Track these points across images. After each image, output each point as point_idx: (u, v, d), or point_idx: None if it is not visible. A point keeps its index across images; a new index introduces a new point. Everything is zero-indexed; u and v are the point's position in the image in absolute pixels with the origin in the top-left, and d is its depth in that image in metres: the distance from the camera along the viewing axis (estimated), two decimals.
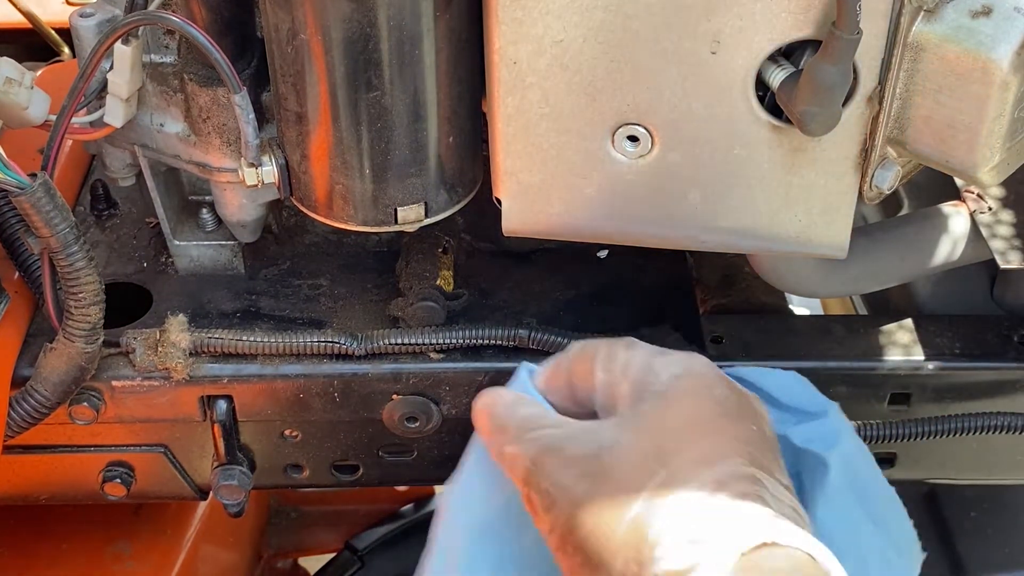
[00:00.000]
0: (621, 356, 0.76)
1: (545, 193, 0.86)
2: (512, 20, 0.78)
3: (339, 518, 1.57)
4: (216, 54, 0.82)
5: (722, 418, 0.70)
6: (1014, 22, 0.73)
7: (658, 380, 0.73)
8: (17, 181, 0.81)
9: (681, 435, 0.69)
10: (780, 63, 0.77)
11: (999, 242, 1.01)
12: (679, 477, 0.66)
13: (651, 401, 0.72)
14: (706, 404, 0.71)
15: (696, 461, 0.67)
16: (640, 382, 0.74)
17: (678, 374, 0.73)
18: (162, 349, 0.93)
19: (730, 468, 0.67)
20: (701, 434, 0.69)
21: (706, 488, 0.65)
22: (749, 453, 0.68)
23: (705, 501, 0.65)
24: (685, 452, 0.67)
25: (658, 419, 0.70)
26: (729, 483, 0.66)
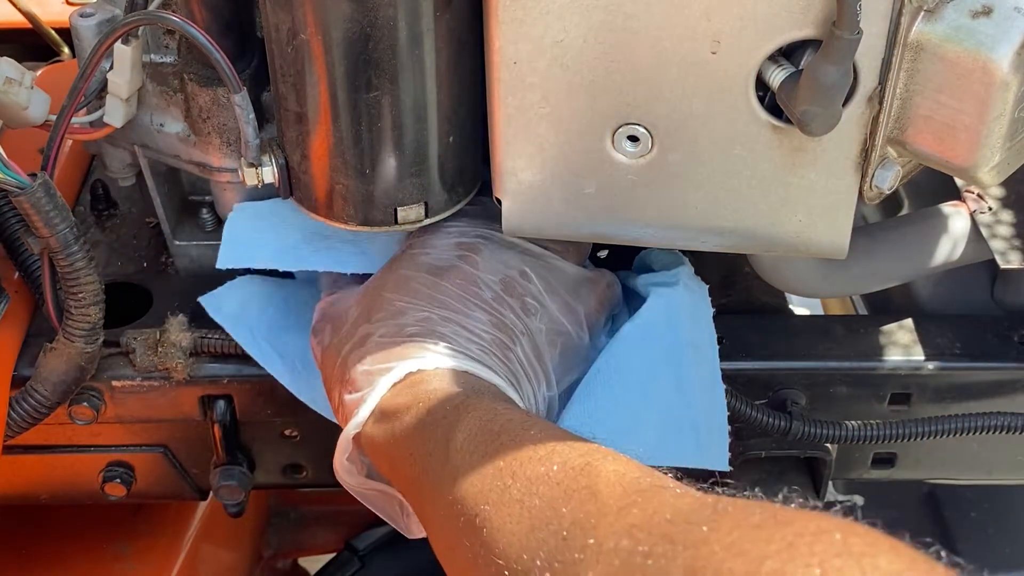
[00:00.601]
0: None
1: (545, 193, 0.86)
2: (512, 20, 0.78)
3: (339, 518, 1.57)
4: (216, 54, 0.82)
5: (427, 274, 0.86)
6: (1014, 22, 0.73)
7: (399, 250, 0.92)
8: (17, 181, 0.81)
9: (385, 291, 0.86)
10: (780, 63, 0.77)
11: (999, 242, 1.01)
12: (374, 328, 0.84)
13: (383, 268, 0.91)
14: (416, 265, 0.88)
15: (388, 314, 0.84)
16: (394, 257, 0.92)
17: (411, 244, 0.91)
18: (162, 349, 0.93)
19: (416, 315, 0.83)
20: (399, 290, 0.86)
21: (388, 335, 0.82)
22: (443, 301, 0.84)
23: (385, 345, 0.82)
24: (383, 308, 0.85)
25: (378, 279, 0.89)
26: (409, 326, 0.83)
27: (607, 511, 0.60)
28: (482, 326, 0.83)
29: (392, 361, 0.80)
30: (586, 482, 0.63)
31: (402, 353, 0.81)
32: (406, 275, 0.87)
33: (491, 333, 0.83)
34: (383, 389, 0.79)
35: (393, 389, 0.79)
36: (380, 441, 0.79)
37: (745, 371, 0.96)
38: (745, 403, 0.95)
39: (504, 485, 0.66)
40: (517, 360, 0.84)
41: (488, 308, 0.85)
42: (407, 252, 0.90)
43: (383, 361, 0.81)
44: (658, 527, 0.57)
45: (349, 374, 0.82)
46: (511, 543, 0.63)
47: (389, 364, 0.80)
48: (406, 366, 0.79)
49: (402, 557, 1.53)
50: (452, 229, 0.91)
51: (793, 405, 0.97)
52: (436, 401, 0.76)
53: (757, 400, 0.96)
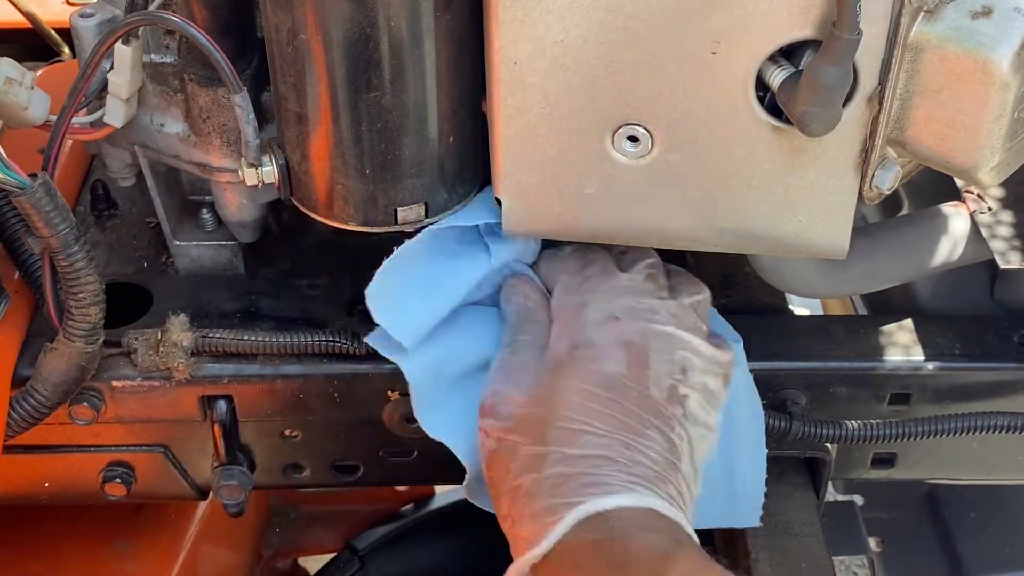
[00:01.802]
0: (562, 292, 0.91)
1: (545, 193, 0.86)
2: (512, 20, 0.78)
3: (339, 518, 1.57)
4: (216, 54, 0.82)
5: (602, 391, 0.83)
6: (1014, 23, 0.73)
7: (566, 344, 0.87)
8: (17, 181, 0.81)
9: (560, 408, 0.83)
10: (780, 63, 0.77)
11: (999, 242, 1.01)
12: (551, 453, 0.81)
13: (551, 370, 0.86)
14: (589, 378, 0.84)
15: (569, 433, 0.81)
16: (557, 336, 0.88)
17: (576, 344, 0.86)
18: (163, 349, 0.93)
19: (595, 439, 0.81)
20: (575, 409, 0.82)
21: (567, 463, 0.80)
22: (620, 421, 0.81)
23: (565, 476, 0.79)
24: (559, 427, 0.82)
25: (549, 390, 0.85)
26: (589, 454, 0.80)
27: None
28: (656, 450, 0.82)
29: (574, 496, 0.78)
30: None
31: (584, 488, 0.79)
32: (580, 389, 0.84)
33: (664, 457, 0.82)
34: (566, 527, 0.78)
35: (578, 526, 0.78)
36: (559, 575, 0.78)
37: None
38: None
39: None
40: (683, 478, 0.83)
41: (660, 425, 0.83)
42: (574, 357, 0.86)
43: (564, 495, 0.79)
44: None
45: (525, 499, 0.81)
46: None
47: (572, 499, 0.78)
48: (592, 505, 0.78)
49: (402, 557, 1.53)
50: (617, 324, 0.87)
51: (793, 405, 0.97)
52: (633, 547, 0.76)
53: None
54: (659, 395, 0.84)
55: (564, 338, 0.88)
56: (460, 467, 1.04)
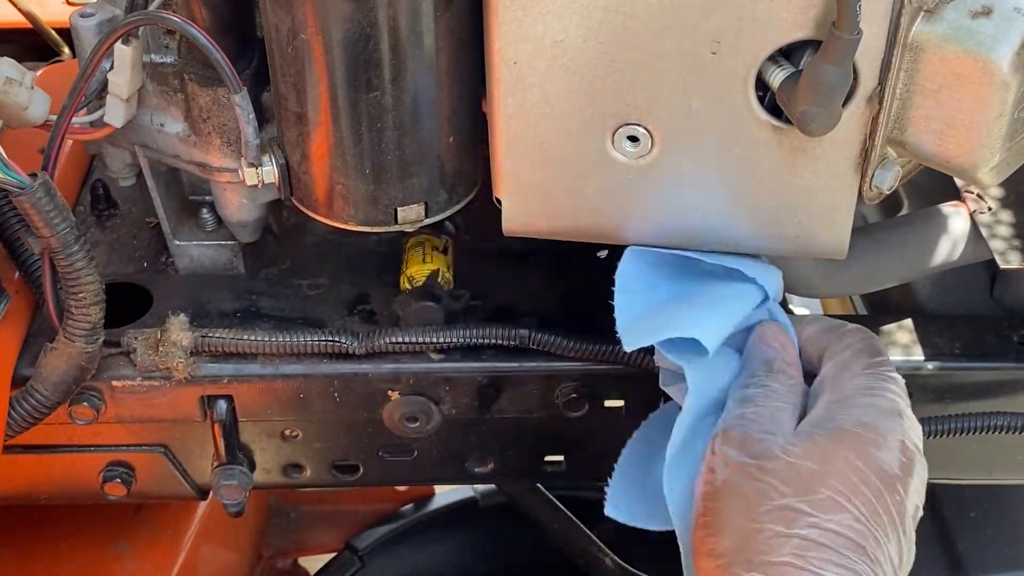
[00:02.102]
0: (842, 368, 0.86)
1: (545, 193, 0.86)
2: (512, 20, 0.78)
3: (339, 518, 1.57)
4: (216, 54, 0.82)
5: (874, 480, 0.79)
6: (1014, 22, 0.73)
7: (849, 419, 0.82)
8: (17, 181, 0.81)
9: (832, 477, 0.79)
10: (780, 63, 0.77)
11: (999, 242, 1.01)
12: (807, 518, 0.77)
13: (831, 435, 0.81)
14: (868, 461, 0.80)
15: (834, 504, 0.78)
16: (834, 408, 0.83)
17: (863, 424, 0.81)
18: (163, 348, 0.93)
19: (852, 523, 0.77)
20: (847, 485, 0.79)
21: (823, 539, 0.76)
22: (879, 516, 0.78)
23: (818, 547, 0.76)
24: (825, 493, 0.78)
25: (826, 452, 0.80)
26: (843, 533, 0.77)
27: None
28: (893, 559, 0.80)
29: (818, 568, 0.76)
30: None
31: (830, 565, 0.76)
32: (858, 468, 0.80)
33: (895, 570, 0.80)
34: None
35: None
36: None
37: None
38: None
39: None
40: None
41: (903, 536, 0.81)
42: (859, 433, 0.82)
43: (810, 562, 0.76)
44: None
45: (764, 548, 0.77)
46: None
47: (815, 570, 0.76)
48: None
49: (402, 557, 1.53)
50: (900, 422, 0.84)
51: None
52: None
53: None
54: (910, 509, 0.81)
55: (847, 410, 0.83)
56: (460, 467, 1.04)
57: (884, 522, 0.79)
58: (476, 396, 0.97)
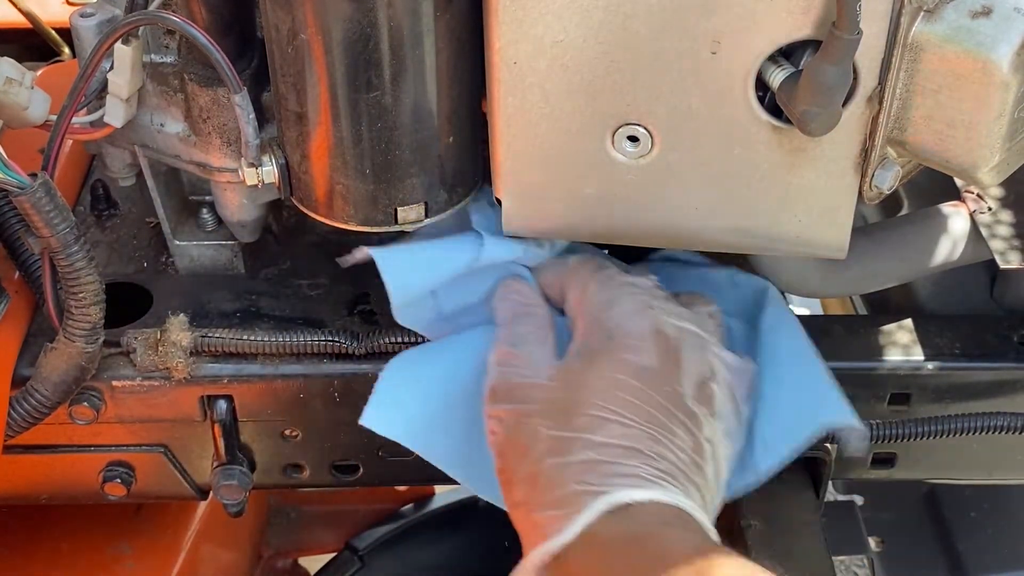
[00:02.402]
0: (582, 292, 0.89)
1: (545, 193, 0.86)
2: (512, 20, 0.78)
3: (339, 518, 1.57)
4: (216, 54, 0.82)
5: (634, 381, 0.81)
6: (1014, 22, 0.73)
7: (599, 335, 0.85)
8: (17, 181, 0.81)
9: (589, 395, 0.81)
10: (780, 63, 0.77)
11: (999, 242, 1.01)
12: (577, 438, 0.79)
13: (583, 357, 0.84)
14: (622, 367, 0.82)
15: (598, 420, 0.79)
16: (586, 330, 0.86)
17: (611, 334, 0.84)
18: (163, 348, 0.93)
19: (624, 429, 0.79)
20: (606, 397, 0.80)
21: (595, 451, 0.78)
22: (649, 414, 0.80)
23: (592, 463, 0.77)
24: (587, 414, 0.80)
25: (580, 375, 0.83)
26: (618, 444, 0.78)
27: None
28: (683, 447, 0.80)
29: (602, 483, 0.77)
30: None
31: (612, 478, 0.77)
32: (612, 379, 0.82)
33: (690, 455, 0.80)
34: (596, 512, 0.75)
35: (605, 515, 0.75)
36: (587, 569, 0.76)
37: None
38: None
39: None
40: (706, 478, 0.81)
41: (688, 423, 0.81)
42: (609, 346, 0.84)
43: (593, 482, 0.77)
44: None
45: (546, 485, 0.79)
46: None
47: (599, 487, 0.76)
48: (623, 495, 0.76)
49: (402, 557, 1.53)
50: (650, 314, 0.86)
51: None
52: (671, 543, 0.74)
53: None
54: (689, 392, 0.83)
55: (596, 329, 0.86)
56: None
57: (658, 417, 0.80)
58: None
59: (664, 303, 0.87)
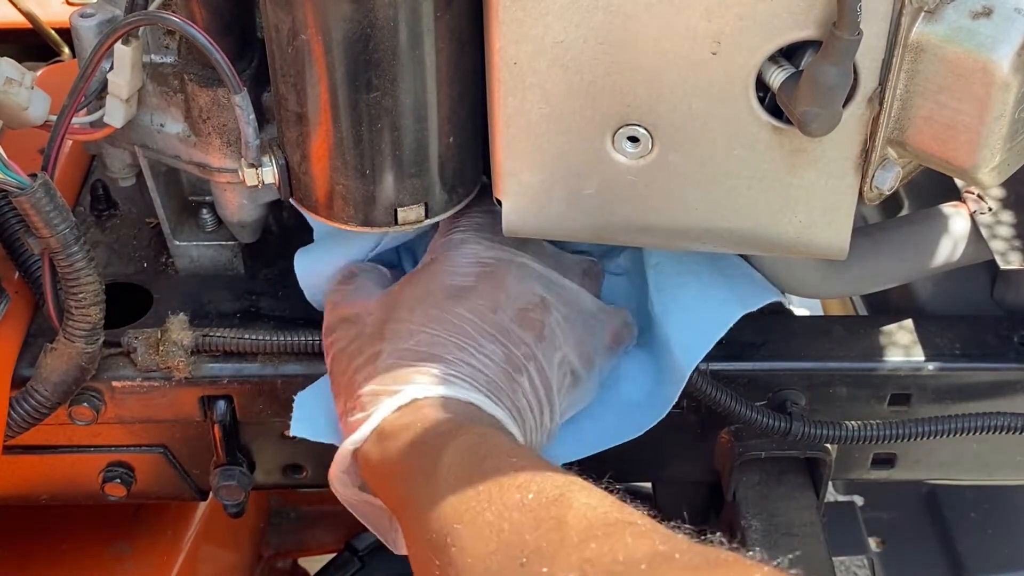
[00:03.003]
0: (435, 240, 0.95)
1: (545, 193, 0.86)
2: (513, 20, 0.78)
3: (339, 518, 1.57)
4: (216, 54, 0.82)
5: (445, 298, 0.86)
6: (1014, 23, 0.73)
7: (425, 262, 0.92)
8: (17, 181, 0.81)
9: (402, 310, 0.87)
10: (780, 63, 0.77)
11: (999, 243, 1.01)
12: (385, 347, 0.84)
13: (405, 281, 0.91)
14: (436, 286, 0.88)
15: (405, 330, 0.85)
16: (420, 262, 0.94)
17: (435, 260, 0.91)
18: (163, 348, 0.93)
19: (429, 339, 0.84)
20: (415, 310, 0.86)
21: (398, 357, 0.83)
22: (456, 327, 0.84)
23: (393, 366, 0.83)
24: (395, 327, 0.85)
25: (397, 294, 0.89)
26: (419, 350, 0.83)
27: (567, 543, 0.64)
28: (492, 357, 0.84)
29: (398, 384, 0.82)
30: (556, 512, 0.66)
31: (408, 377, 0.82)
32: (425, 295, 0.87)
33: (500, 365, 0.84)
34: (385, 411, 0.81)
35: (395, 412, 0.80)
36: (375, 460, 0.80)
37: (745, 372, 0.96)
38: (745, 404, 0.95)
39: (479, 508, 0.69)
40: (523, 392, 0.84)
41: (501, 338, 0.85)
42: (429, 268, 0.90)
43: (390, 383, 0.82)
44: (607, 565, 0.61)
45: (356, 390, 0.84)
46: (474, 564, 0.66)
47: (395, 387, 0.82)
48: (410, 391, 0.81)
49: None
50: (477, 247, 0.91)
51: (793, 406, 0.97)
52: (432, 426, 0.78)
53: (757, 401, 0.96)
54: (506, 314, 0.86)
55: (424, 265, 0.92)
56: None
57: (465, 329, 0.84)
58: None
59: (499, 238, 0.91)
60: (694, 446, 1.01)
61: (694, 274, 0.95)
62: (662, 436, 0.94)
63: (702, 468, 1.03)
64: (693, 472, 1.04)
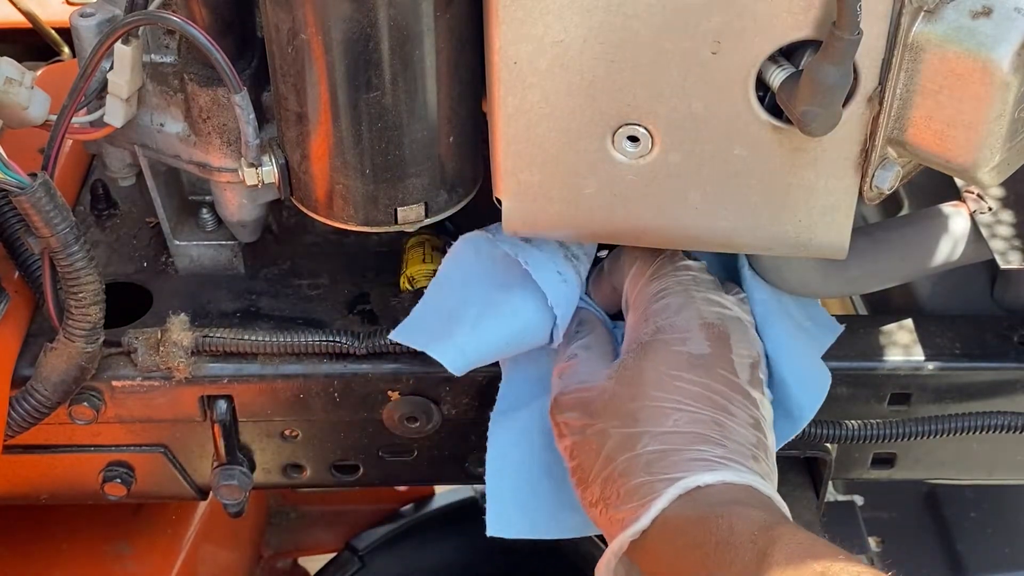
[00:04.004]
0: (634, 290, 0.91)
1: (545, 193, 0.86)
2: (513, 20, 0.78)
3: (339, 518, 1.57)
4: (216, 54, 0.82)
5: (689, 370, 0.83)
6: (1014, 22, 0.73)
7: (648, 329, 0.87)
8: (17, 181, 0.81)
9: (649, 388, 0.83)
10: (780, 63, 0.77)
11: (999, 242, 1.01)
12: (643, 430, 0.81)
13: (637, 353, 0.86)
14: (676, 358, 0.84)
15: (660, 411, 0.81)
16: (636, 324, 0.89)
17: (659, 327, 0.86)
18: (164, 348, 0.93)
19: (687, 416, 0.81)
20: (665, 388, 0.82)
21: (662, 440, 0.80)
22: (709, 399, 0.82)
23: (661, 452, 0.79)
24: (649, 406, 0.82)
25: (636, 371, 0.85)
26: (683, 431, 0.80)
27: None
28: (746, 428, 0.82)
29: (674, 472, 0.78)
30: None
31: (682, 463, 0.79)
32: (668, 368, 0.84)
33: (753, 434, 0.82)
34: (668, 499, 0.77)
35: (678, 501, 0.77)
36: (663, 553, 0.78)
37: None
38: None
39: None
40: (767, 456, 0.83)
41: (747, 404, 0.83)
42: (659, 339, 0.86)
43: (664, 471, 0.79)
44: None
45: (621, 479, 0.80)
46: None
47: (671, 475, 0.78)
48: (693, 480, 0.78)
49: (402, 557, 1.53)
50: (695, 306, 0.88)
51: None
52: (738, 521, 0.75)
53: None
54: (743, 375, 0.84)
55: (645, 323, 0.87)
56: (460, 467, 1.04)
57: (718, 401, 0.82)
58: (476, 396, 0.97)
59: (710, 290, 0.89)
60: None
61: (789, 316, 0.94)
62: None
63: None
64: None
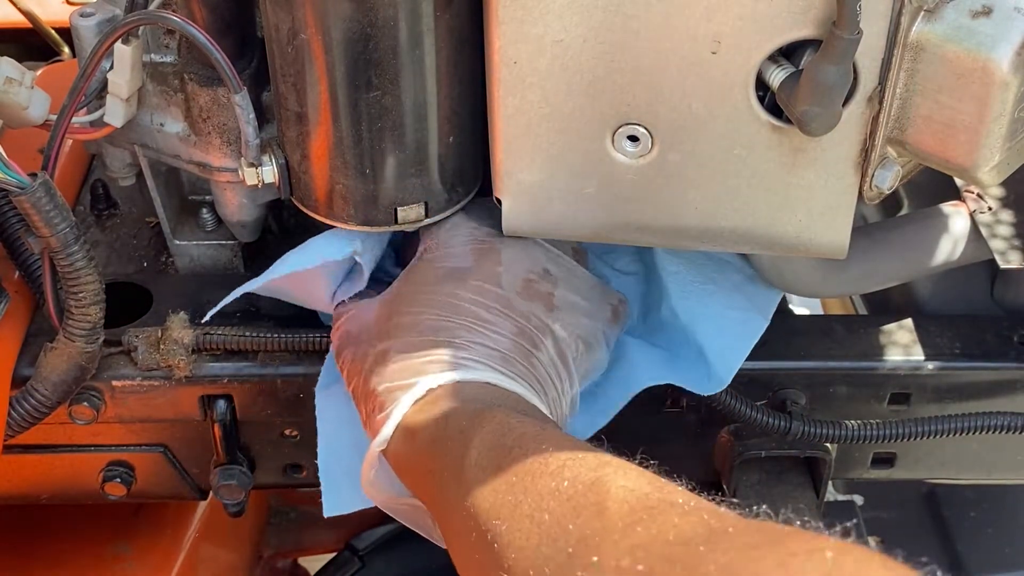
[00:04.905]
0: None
1: (545, 193, 0.86)
2: (512, 20, 0.78)
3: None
4: (216, 54, 0.82)
5: (441, 283, 0.85)
6: (1014, 22, 0.73)
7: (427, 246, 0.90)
8: (17, 181, 0.81)
9: (402, 304, 0.86)
10: (780, 63, 0.77)
11: (999, 242, 1.01)
12: (393, 343, 0.83)
13: (400, 278, 0.89)
14: (434, 273, 0.87)
15: (409, 322, 0.84)
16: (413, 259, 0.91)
17: (428, 249, 0.90)
18: (164, 347, 0.93)
19: (431, 325, 0.83)
20: (417, 302, 0.85)
21: (408, 349, 0.82)
22: (455, 307, 0.84)
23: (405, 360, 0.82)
24: (398, 321, 0.84)
25: (395, 292, 0.88)
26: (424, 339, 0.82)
27: (612, 529, 0.61)
28: (503, 334, 0.83)
29: (412, 377, 0.80)
30: (595, 498, 0.64)
31: (422, 368, 0.81)
32: (423, 284, 0.86)
33: (512, 340, 0.83)
34: (405, 406, 0.79)
35: (416, 405, 0.79)
36: (404, 457, 0.79)
37: (745, 371, 0.96)
38: (745, 403, 0.95)
39: (515, 501, 0.67)
40: (541, 364, 0.84)
41: (510, 313, 0.84)
42: (424, 258, 0.89)
43: (404, 377, 0.81)
44: (660, 548, 0.59)
45: (373, 391, 0.83)
46: (520, 558, 0.64)
47: (410, 380, 0.80)
48: (427, 382, 0.80)
49: (402, 557, 1.53)
50: (469, 227, 0.90)
51: (793, 405, 0.97)
52: (453, 416, 0.76)
53: (757, 400, 0.96)
54: (510, 288, 0.85)
55: (417, 251, 0.90)
56: None
57: (470, 309, 0.84)
58: None
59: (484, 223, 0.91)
60: (694, 445, 1.01)
61: (713, 281, 0.95)
62: (662, 436, 0.94)
63: (702, 467, 1.03)
64: (693, 471, 1.04)
